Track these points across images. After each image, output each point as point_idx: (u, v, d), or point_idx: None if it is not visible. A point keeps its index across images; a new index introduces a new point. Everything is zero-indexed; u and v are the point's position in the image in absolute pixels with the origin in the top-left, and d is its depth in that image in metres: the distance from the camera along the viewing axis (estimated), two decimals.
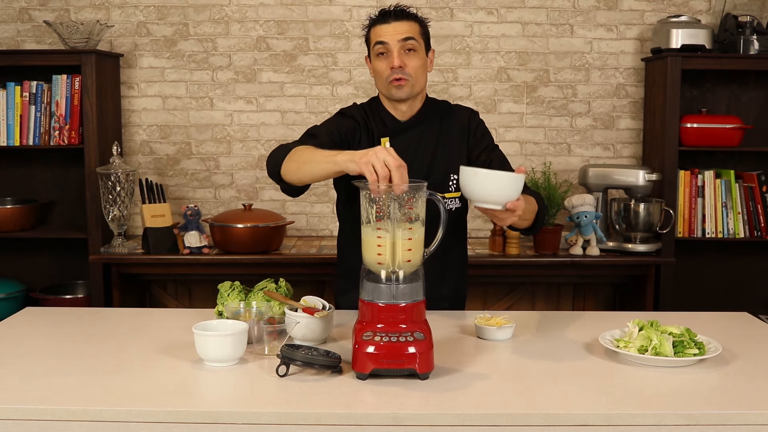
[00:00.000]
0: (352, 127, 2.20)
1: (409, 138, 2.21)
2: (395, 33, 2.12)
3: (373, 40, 2.16)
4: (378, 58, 2.16)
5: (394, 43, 2.12)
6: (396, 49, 2.12)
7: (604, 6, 3.67)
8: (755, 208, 3.48)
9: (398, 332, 1.64)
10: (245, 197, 3.75)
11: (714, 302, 3.57)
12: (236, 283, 2.06)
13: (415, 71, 2.14)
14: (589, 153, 3.74)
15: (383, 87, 2.18)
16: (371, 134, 2.21)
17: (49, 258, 3.74)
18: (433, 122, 2.23)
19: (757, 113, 3.68)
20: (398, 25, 2.13)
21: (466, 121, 2.26)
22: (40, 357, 1.83)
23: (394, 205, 1.66)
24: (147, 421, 1.51)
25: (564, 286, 3.67)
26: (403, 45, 2.12)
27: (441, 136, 2.23)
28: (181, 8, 3.67)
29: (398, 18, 2.14)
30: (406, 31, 2.13)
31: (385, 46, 2.13)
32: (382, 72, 2.15)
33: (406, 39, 2.12)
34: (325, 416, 1.50)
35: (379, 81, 2.19)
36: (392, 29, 2.13)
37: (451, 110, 2.28)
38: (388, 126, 2.21)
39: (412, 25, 2.15)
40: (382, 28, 2.14)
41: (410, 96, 2.17)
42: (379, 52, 2.15)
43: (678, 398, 1.59)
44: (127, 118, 3.73)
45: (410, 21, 2.15)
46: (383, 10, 2.17)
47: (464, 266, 2.34)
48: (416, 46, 2.14)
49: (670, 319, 2.03)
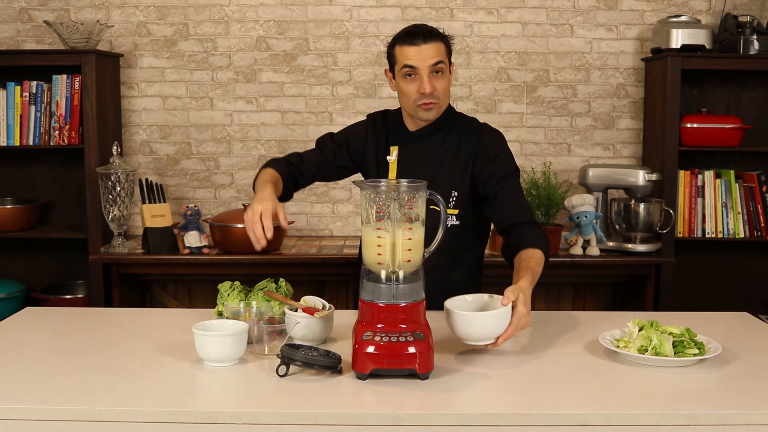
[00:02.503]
0: (361, 133, 2.30)
1: (416, 148, 2.22)
2: (425, 57, 2.09)
3: (401, 61, 2.12)
4: (405, 79, 2.13)
5: (423, 67, 2.09)
6: (426, 74, 2.10)
7: (604, 6, 3.67)
8: (755, 208, 3.48)
9: (398, 332, 1.65)
10: (245, 197, 3.75)
11: (714, 302, 3.56)
12: (236, 283, 2.06)
13: (444, 93, 2.15)
14: (589, 153, 3.74)
15: (410, 107, 2.17)
16: (378, 141, 2.27)
17: (49, 258, 3.73)
18: (446, 137, 2.22)
19: (757, 113, 3.68)
20: (427, 48, 2.09)
21: (482, 141, 2.21)
22: (40, 357, 1.83)
23: (394, 205, 1.66)
24: (147, 421, 1.51)
25: (564, 286, 3.67)
26: (432, 69, 2.10)
27: (450, 151, 2.21)
28: (181, 8, 3.67)
29: (426, 40, 2.10)
30: (435, 55, 2.10)
31: (413, 70, 2.10)
32: (411, 94, 2.13)
33: (435, 63, 2.10)
34: (325, 416, 1.50)
35: (404, 100, 2.18)
36: (422, 53, 2.09)
37: (471, 129, 2.25)
38: (399, 135, 2.24)
39: (440, 47, 2.12)
40: (411, 50, 2.10)
41: (437, 116, 2.18)
42: (407, 74, 2.12)
43: (678, 398, 1.59)
44: (127, 118, 3.73)
45: (437, 42, 2.11)
46: (411, 30, 2.13)
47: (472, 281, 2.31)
48: (444, 68, 2.12)
49: (670, 319, 2.03)
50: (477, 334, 1.73)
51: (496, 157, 2.20)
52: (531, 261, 1.99)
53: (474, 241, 2.31)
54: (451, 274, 2.25)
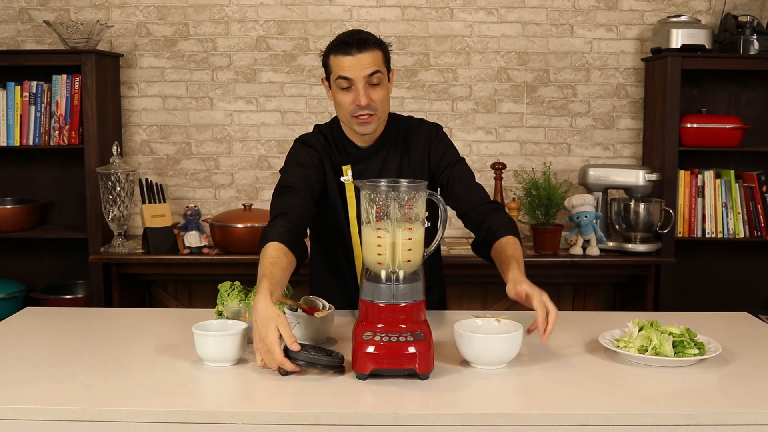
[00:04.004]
0: (317, 159, 2.13)
1: (372, 163, 2.14)
2: (360, 67, 2.00)
3: (335, 71, 2.03)
4: (341, 91, 2.04)
5: (359, 78, 2.00)
6: (361, 85, 2.01)
7: (604, 6, 3.67)
8: (755, 208, 3.48)
9: (398, 332, 1.65)
10: (245, 197, 3.75)
11: (714, 302, 3.56)
12: (236, 283, 2.06)
13: (381, 103, 2.05)
14: (589, 153, 3.74)
15: (346, 119, 2.08)
16: (333, 162, 2.15)
17: (49, 258, 3.73)
18: (396, 143, 2.16)
19: (757, 113, 3.68)
20: (362, 58, 1.99)
21: (428, 138, 2.17)
22: (40, 357, 1.83)
23: (394, 205, 1.66)
24: (147, 421, 1.51)
25: (564, 286, 3.67)
26: (368, 80, 2.01)
27: (404, 156, 2.16)
28: (181, 8, 3.67)
29: (361, 49, 2.00)
30: (371, 64, 2.00)
31: (348, 81, 2.01)
32: (346, 106, 2.04)
33: (372, 74, 2.01)
34: (325, 416, 1.50)
35: (341, 112, 2.08)
36: (356, 63, 1.99)
37: (415, 128, 2.20)
38: (350, 153, 2.15)
39: (376, 56, 2.02)
40: (345, 61, 2.00)
41: (375, 129, 2.10)
42: (342, 87, 2.03)
43: (678, 398, 1.59)
44: (127, 118, 3.73)
45: (374, 50, 2.02)
46: (344, 39, 2.03)
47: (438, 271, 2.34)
48: (381, 78, 2.03)
49: (670, 319, 2.03)
50: (489, 358, 1.73)
51: (445, 150, 2.18)
52: (507, 249, 1.99)
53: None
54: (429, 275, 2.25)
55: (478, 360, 1.73)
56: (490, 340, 1.73)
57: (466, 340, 1.73)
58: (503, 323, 1.82)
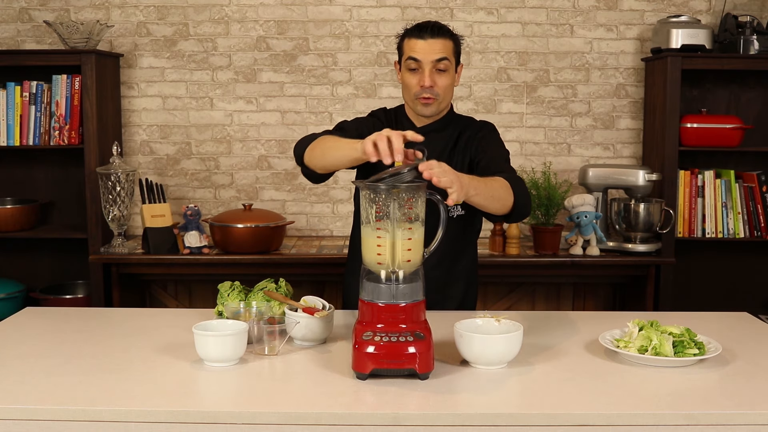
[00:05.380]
0: (378, 125, 2.22)
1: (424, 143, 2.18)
2: (430, 51, 2.11)
3: (407, 53, 2.15)
4: (409, 72, 2.15)
5: (427, 61, 2.11)
6: (428, 68, 2.11)
7: (604, 6, 3.67)
8: (755, 208, 3.48)
9: (398, 332, 1.65)
10: (245, 197, 3.75)
11: (714, 302, 3.57)
12: (236, 283, 2.06)
13: (444, 90, 2.15)
14: (589, 153, 3.74)
15: (410, 100, 2.19)
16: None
17: (49, 258, 3.73)
18: (452, 135, 2.24)
19: (757, 113, 3.68)
20: (434, 43, 2.11)
21: (476, 131, 2.25)
22: (40, 357, 1.83)
23: (394, 205, 1.66)
24: (147, 421, 1.51)
25: (564, 286, 3.67)
26: (435, 65, 2.12)
27: (455, 148, 2.23)
28: (181, 8, 3.67)
29: (434, 35, 2.12)
30: (441, 50, 2.11)
31: (417, 63, 2.12)
32: (412, 87, 2.15)
33: (439, 59, 2.11)
34: (325, 416, 1.50)
35: (406, 93, 2.19)
36: (427, 47, 2.11)
37: (470, 123, 2.28)
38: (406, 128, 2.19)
39: (447, 44, 2.13)
40: (417, 44, 2.12)
41: (435, 114, 2.19)
42: (411, 68, 2.14)
43: (678, 398, 1.59)
44: (127, 118, 3.73)
45: (445, 39, 2.13)
46: (422, 24, 2.15)
47: (473, 270, 2.34)
48: (448, 66, 2.13)
49: (670, 319, 2.03)
50: (489, 358, 1.73)
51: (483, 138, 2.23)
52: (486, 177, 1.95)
53: (476, 230, 2.34)
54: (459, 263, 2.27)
55: (478, 360, 1.73)
56: (490, 340, 1.73)
57: (466, 340, 1.73)
58: (503, 323, 1.82)
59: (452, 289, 2.27)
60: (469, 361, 1.75)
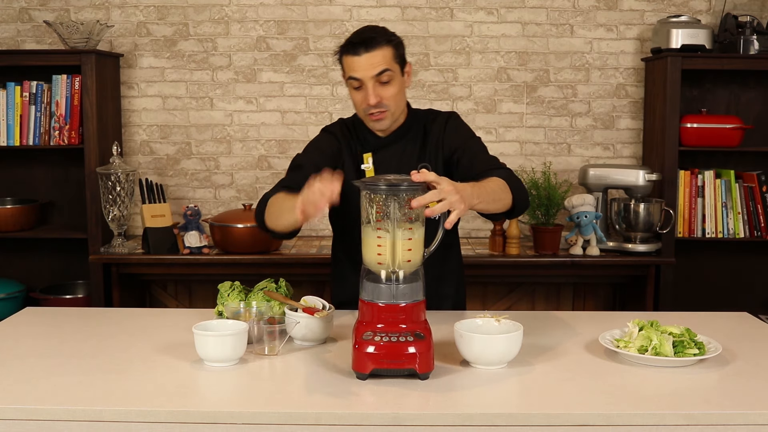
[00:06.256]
0: (336, 146, 2.16)
1: (392, 152, 2.15)
2: (368, 67, 2.00)
3: (347, 72, 2.06)
4: (353, 90, 2.07)
5: (367, 78, 2.01)
6: (371, 85, 2.02)
7: (604, 6, 3.67)
8: (755, 208, 3.48)
9: (398, 332, 1.65)
10: (245, 197, 3.75)
11: (714, 302, 3.57)
12: (236, 283, 2.06)
13: (394, 100, 2.06)
14: (589, 153, 3.74)
15: (362, 116, 2.12)
16: (353, 151, 2.17)
17: (49, 258, 3.73)
18: (417, 134, 2.18)
19: (757, 113, 3.68)
20: (370, 57, 2.00)
21: (444, 123, 2.18)
22: (40, 357, 1.83)
23: (394, 205, 1.66)
24: (147, 421, 1.51)
25: (564, 286, 3.67)
26: (377, 79, 2.02)
27: (424, 146, 2.17)
28: (181, 8, 3.67)
29: (369, 48, 2.00)
30: (380, 63, 2.01)
31: (359, 81, 2.03)
32: (359, 104, 2.08)
33: (380, 73, 2.01)
34: (325, 416, 1.50)
35: (357, 109, 2.12)
36: (365, 62, 2.00)
37: (433, 118, 2.21)
38: (370, 142, 2.16)
39: (385, 53, 2.02)
40: (354, 61, 2.02)
41: (392, 125, 2.12)
42: (354, 87, 2.06)
43: (678, 398, 1.59)
44: (127, 118, 3.73)
45: (382, 48, 2.01)
46: (353, 39, 2.04)
47: (462, 269, 2.34)
48: (392, 75, 2.03)
49: (670, 319, 2.03)
50: (489, 358, 1.73)
51: (457, 131, 2.17)
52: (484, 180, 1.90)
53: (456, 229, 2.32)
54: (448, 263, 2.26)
55: (478, 360, 1.73)
56: (490, 340, 1.73)
57: (466, 340, 1.73)
58: (503, 323, 1.82)
59: (445, 288, 2.26)
60: (469, 361, 1.75)
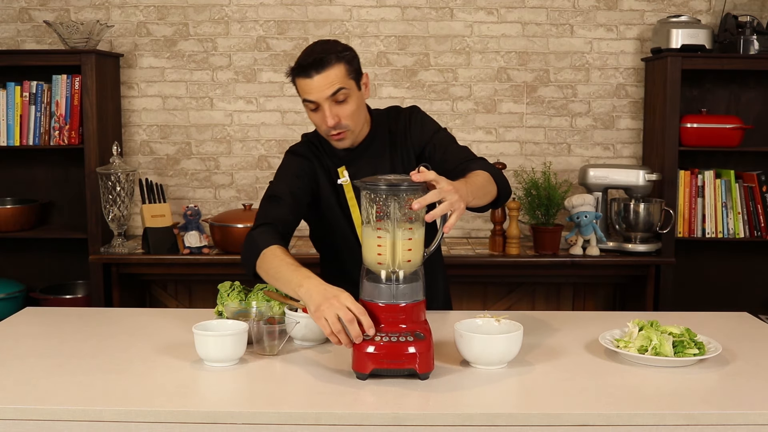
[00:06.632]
0: (307, 167, 2.11)
1: (365, 161, 2.12)
2: (322, 88, 1.95)
3: (301, 94, 2.00)
4: (310, 112, 2.02)
5: (322, 99, 1.96)
6: (326, 106, 1.97)
7: (604, 6, 3.67)
8: (755, 208, 3.48)
9: (398, 332, 1.64)
10: (245, 197, 3.75)
11: (714, 302, 3.57)
12: (236, 283, 2.06)
13: (352, 118, 2.01)
14: (589, 153, 3.74)
15: (324, 136, 2.08)
16: (326, 167, 2.13)
17: (49, 258, 3.73)
18: (384, 138, 2.15)
19: (757, 113, 3.68)
20: (322, 78, 1.94)
21: (406, 121, 2.16)
22: (40, 357, 1.83)
23: (394, 205, 1.66)
24: (147, 421, 1.51)
25: (564, 286, 3.67)
26: (332, 99, 1.96)
27: (394, 148, 2.15)
28: (181, 8, 3.67)
29: (320, 69, 1.94)
30: (333, 82, 1.95)
31: (314, 103, 1.98)
32: (319, 125, 2.04)
33: (334, 93, 1.96)
34: (325, 416, 1.50)
35: (318, 130, 2.08)
36: (317, 84, 1.95)
37: (395, 118, 2.18)
38: (341, 156, 2.12)
39: (338, 71, 1.95)
40: (307, 84, 1.96)
41: (355, 141, 2.08)
42: (311, 109, 2.01)
43: (678, 398, 1.59)
44: (127, 118, 3.73)
45: (334, 66, 1.95)
46: (302, 60, 1.97)
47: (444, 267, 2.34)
48: (347, 93, 1.98)
49: (670, 319, 2.03)
50: (489, 358, 1.73)
51: (422, 125, 2.15)
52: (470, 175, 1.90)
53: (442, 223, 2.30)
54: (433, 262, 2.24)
55: (478, 360, 1.73)
56: (490, 340, 1.73)
57: (466, 340, 1.73)
58: (503, 323, 1.82)
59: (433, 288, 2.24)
60: (469, 361, 1.75)
